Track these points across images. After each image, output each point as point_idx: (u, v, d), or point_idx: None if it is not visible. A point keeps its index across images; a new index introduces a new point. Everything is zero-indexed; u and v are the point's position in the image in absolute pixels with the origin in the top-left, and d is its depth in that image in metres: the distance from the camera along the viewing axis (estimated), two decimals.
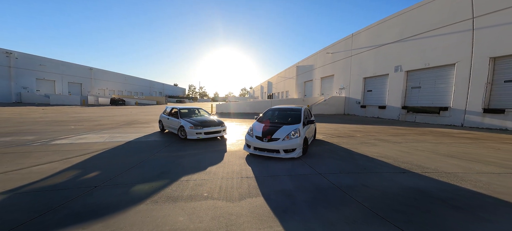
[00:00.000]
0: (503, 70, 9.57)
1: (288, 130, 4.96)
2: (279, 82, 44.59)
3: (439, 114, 12.22)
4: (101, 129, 8.50)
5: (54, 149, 5.35)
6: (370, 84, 18.40)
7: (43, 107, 21.12)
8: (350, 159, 4.95)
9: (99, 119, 11.47)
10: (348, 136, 8.15)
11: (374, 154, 5.42)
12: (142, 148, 5.60)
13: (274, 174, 3.80)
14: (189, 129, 6.21)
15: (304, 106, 6.70)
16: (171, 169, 3.98)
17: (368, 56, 18.08)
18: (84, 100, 31.72)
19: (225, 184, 3.34)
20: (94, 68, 44.94)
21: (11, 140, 6.37)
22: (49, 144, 6.00)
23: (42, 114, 13.98)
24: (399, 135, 8.46)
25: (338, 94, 22.24)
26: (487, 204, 2.73)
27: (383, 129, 10.28)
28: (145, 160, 4.53)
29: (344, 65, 21.18)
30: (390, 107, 15.88)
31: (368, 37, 18.07)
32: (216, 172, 3.87)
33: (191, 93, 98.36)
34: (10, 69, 29.23)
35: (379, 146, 6.43)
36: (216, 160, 4.60)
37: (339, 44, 22.18)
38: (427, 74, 13.20)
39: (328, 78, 24.74)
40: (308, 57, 29.87)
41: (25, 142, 6.13)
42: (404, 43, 14.64)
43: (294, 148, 4.77)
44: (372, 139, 7.57)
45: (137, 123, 10.57)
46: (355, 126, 11.57)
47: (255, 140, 4.88)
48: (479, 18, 10.15)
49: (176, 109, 7.49)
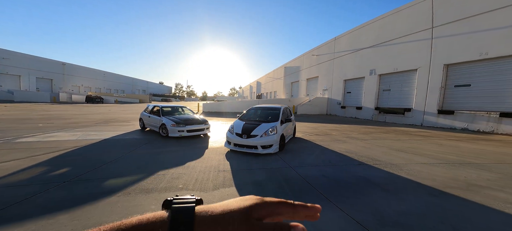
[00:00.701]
0: (454, 76, 11.00)
1: (266, 128, 5.30)
2: (267, 82, 45.20)
3: (404, 115, 13.58)
4: (73, 127, 8.10)
5: (20, 147, 5.06)
6: (350, 86, 19.65)
7: (5, 104, 19.03)
8: (320, 154, 5.44)
9: (72, 117, 10.79)
10: (325, 134, 8.77)
11: (341, 149, 5.99)
12: (119, 145, 5.54)
13: (250, 168, 4.08)
14: (171, 127, 6.25)
15: (284, 106, 7.11)
16: (148, 165, 4.06)
17: (348, 60, 19.27)
18: (54, 97, 29.23)
19: (201, 177, 3.54)
20: (67, 63, 41.45)
21: None
22: (14, 142, 5.64)
23: (4, 111, 12.68)
24: (368, 134, 9.31)
25: (322, 95, 23.34)
26: (409, 187, 3.31)
27: (356, 128, 11.17)
28: (121, 157, 4.52)
29: (328, 67, 22.26)
30: (366, 108, 17.15)
31: (349, 41, 19.26)
32: (194, 166, 4.05)
33: (178, 92, 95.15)
34: None
35: (348, 143, 7.08)
36: (196, 156, 4.77)
37: (323, 46, 23.26)
38: (396, 78, 14.57)
39: (313, 79, 25.79)
40: (295, 59, 30.77)
41: None
42: (378, 49, 15.94)
43: (271, 144, 5.12)
44: (344, 137, 8.26)
45: (115, 121, 10.16)
46: (333, 125, 12.37)
47: (235, 137, 5.13)
48: (437, 28, 11.52)
49: (158, 107, 7.43)
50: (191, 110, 8.26)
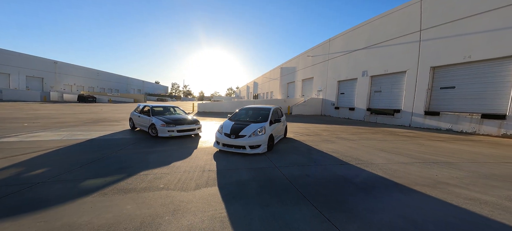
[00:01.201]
0: (440, 78, 11.33)
1: (254, 128, 5.36)
2: (264, 83, 45.30)
3: (394, 116, 13.90)
4: (60, 127, 7.94)
5: None
6: (343, 87, 19.93)
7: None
8: (307, 154, 5.54)
9: (60, 117, 10.56)
10: (315, 135, 8.91)
11: (328, 150, 6.12)
12: (105, 145, 5.50)
13: (236, 167, 4.14)
14: (160, 126, 6.24)
15: (275, 106, 7.19)
16: (132, 165, 4.06)
17: (342, 61, 19.55)
18: (45, 96, 28.54)
19: (185, 177, 3.57)
20: (59, 61, 40.56)
21: None
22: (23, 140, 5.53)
23: None
24: (357, 134, 9.50)
25: (317, 96, 23.58)
26: (384, 186, 3.43)
27: (347, 129, 11.37)
28: (104, 157, 4.50)
29: (322, 68, 22.52)
30: (358, 109, 17.44)
31: (342, 42, 19.55)
32: (179, 166, 4.07)
33: (174, 92, 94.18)
34: None
35: (336, 143, 7.22)
36: (183, 156, 4.79)
37: (318, 48, 23.52)
38: (386, 79, 14.89)
39: (308, 80, 26.04)
40: (291, 59, 30.97)
41: None
42: (370, 50, 16.25)
43: (259, 144, 5.18)
44: (334, 137, 8.41)
45: (105, 121, 10.02)
46: (325, 126, 12.55)
47: (223, 137, 5.18)
48: (425, 31, 11.85)
49: (149, 107, 7.39)
50: (183, 110, 8.24)
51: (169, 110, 7.91)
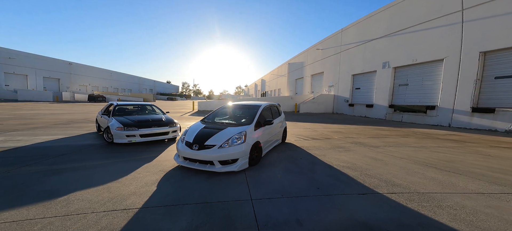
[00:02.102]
0: (494, 66, 8.73)
1: (230, 134, 3.75)
2: (272, 80, 43.59)
3: (426, 113, 11.39)
4: (17, 129, 6.79)
5: None
6: (359, 81, 17.54)
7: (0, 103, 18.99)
8: (308, 171, 3.81)
9: (37, 117, 9.73)
10: (324, 138, 7.07)
11: (341, 163, 4.32)
12: (29, 156, 4.09)
13: (183, 200, 2.54)
14: (116, 130, 4.86)
15: (269, 103, 5.52)
16: (25, 190, 2.62)
17: (356, 52, 17.18)
18: (57, 96, 29.51)
19: (74, 223, 2.06)
20: (74, 62, 42.25)
21: None
22: None
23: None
24: (380, 137, 7.45)
25: (327, 92, 21.34)
26: None
27: (365, 130, 9.29)
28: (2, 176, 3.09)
29: (334, 61, 20.25)
30: (378, 106, 15.03)
31: (357, 32, 17.16)
32: (82, 199, 2.49)
33: (185, 91, 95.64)
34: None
35: (352, 151, 5.35)
36: (116, 175, 3.24)
37: (329, 39, 21.23)
38: (415, 70, 12.35)
39: (318, 75, 23.83)
40: (299, 54, 28.89)
41: None
42: (391, 38, 13.75)
43: (235, 158, 3.57)
44: (348, 142, 6.50)
45: (84, 122, 8.90)
46: (337, 126, 10.54)
47: (184, 147, 3.62)
48: (469, 10, 9.27)
49: (114, 105, 6.09)
50: (161, 110, 6.88)
51: (145, 109, 6.59)
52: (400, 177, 3.55)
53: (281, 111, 6.46)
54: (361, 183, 3.35)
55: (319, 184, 3.24)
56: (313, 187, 3.12)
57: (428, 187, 3.14)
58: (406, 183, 3.32)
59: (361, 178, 3.54)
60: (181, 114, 14.69)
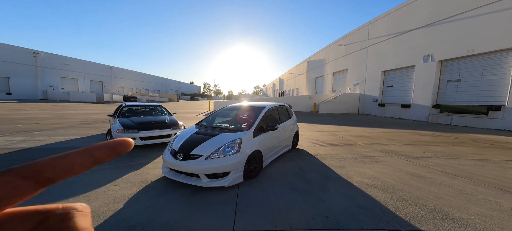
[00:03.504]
0: None
1: (221, 142, 3.19)
2: (290, 79, 42.22)
3: (488, 115, 9.01)
4: (45, 129, 7.19)
5: None
6: (391, 78, 15.27)
7: (52, 103, 22.39)
8: (318, 190, 3.00)
9: (72, 117, 10.73)
10: (345, 145, 5.99)
11: (364, 178, 3.37)
12: (24, 158, 4.06)
13: (135, 230, 2.02)
14: (117, 133, 4.79)
15: (273, 105, 4.81)
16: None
17: (388, 46, 15.00)
18: (99, 97, 33.64)
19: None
20: (114, 66, 47.80)
21: None
22: None
23: (34, 110, 14.24)
24: (421, 144, 5.97)
25: (352, 90, 19.28)
26: None
27: (400, 135, 7.72)
28: None
29: (359, 57, 18.20)
30: (417, 106, 12.74)
31: (388, 23, 14.98)
32: None
33: (206, 91, 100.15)
34: (37, 68, 32.22)
35: (381, 163, 4.26)
36: (92, 186, 2.86)
37: (353, 34, 19.18)
38: (471, 63, 9.92)
39: (340, 73, 21.83)
40: (319, 51, 27.09)
41: None
42: (436, 27, 11.43)
43: (227, 171, 2.99)
44: (376, 151, 5.32)
45: (104, 122, 9.28)
46: (363, 129, 9.10)
47: (169, 156, 3.18)
48: None
49: (126, 106, 6.16)
50: (168, 111, 6.77)
51: (152, 110, 6.53)
52: (456, 206, 2.48)
53: (291, 113, 5.65)
54: (393, 211, 2.43)
55: (329, 211, 2.44)
56: (319, 215, 2.35)
57: (508, 225, 2.04)
58: (467, 216, 2.28)
59: (393, 204, 2.60)
60: (196, 114, 14.88)
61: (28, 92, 31.30)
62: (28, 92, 31.30)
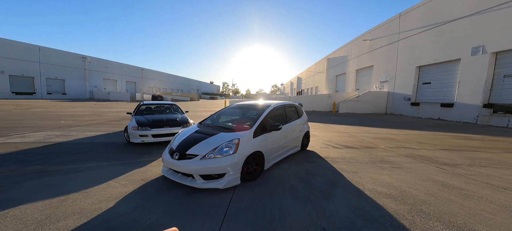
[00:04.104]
0: None
1: (218, 142, 3.11)
2: (308, 77, 40.54)
3: None
4: (80, 125, 8.01)
5: None
6: (428, 74, 13.35)
7: (95, 102, 25.72)
8: (320, 197, 2.71)
9: (106, 114, 12.05)
10: (363, 147, 5.37)
11: (378, 186, 2.98)
12: (47, 155, 4.21)
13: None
14: (131, 130, 5.13)
15: (280, 103, 4.56)
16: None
17: (424, 39, 13.16)
18: (132, 96, 37.48)
19: None
20: (144, 68, 52.71)
21: None
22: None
23: (79, 108, 16.49)
24: (462, 150, 5.00)
25: (378, 88, 17.46)
26: None
27: (436, 138, 6.63)
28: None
29: (387, 53, 16.40)
30: (462, 105, 10.88)
31: (424, 14, 13.18)
32: (28, 216, 2.12)
33: (224, 90, 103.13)
34: (85, 71, 37.49)
35: (404, 169, 3.69)
36: (93, 183, 2.93)
37: (380, 28, 17.35)
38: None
39: (365, 70, 20.02)
40: (341, 48, 25.32)
41: None
42: (488, 14, 9.54)
43: (222, 173, 2.90)
44: (401, 155, 4.63)
45: (127, 120, 9.75)
46: (389, 131, 8.10)
47: (167, 155, 3.20)
48: None
49: (144, 105, 6.58)
50: (181, 109, 7.03)
51: (167, 109, 6.83)
52: (497, 226, 1.95)
53: (301, 112, 5.29)
54: (406, 227, 2.05)
55: (328, 222, 2.16)
56: (316, 227, 2.09)
57: None
58: None
59: (409, 218, 2.19)
60: (212, 113, 15.33)
61: (78, 92, 36.69)
62: (78, 92, 36.69)
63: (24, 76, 29.94)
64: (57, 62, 33.56)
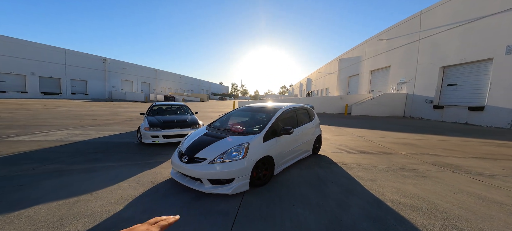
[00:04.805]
0: None
1: (227, 146, 3.01)
2: (318, 79, 39.59)
3: None
4: (98, 124, 8.34)
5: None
6: (454, 75, 12.36)
7: (113, 102, 27.14)
8: (335, 206, 2.51)
9: (122, 114, 12.57)
10: (381, 153, 5.00)
11: (402, 198, 2.69)
12: (70, 150, 4.49)
13: None
14: (144, 130, 5.22)
15: (291, 106, 4.37)
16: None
17: (450, 37, 12.23)
18: (146, 97, 39.08)
19: None
20: (158, 69, 54.79)
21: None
22: (3, 140, 5.28)
23: (99, 108, 17.48)
24: (498, 159, 4.47)
25: (396, 90, 16.47)
26: None
27: (465, 144, 6.01)
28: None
29: (407, 52, 15.47)
30: (494, 109, 9.91)
31: (450, 11, 12.29)
32: (41, 217, 2.14)
33: (233, 91, 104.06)
34: (105, 73, 39.84)
35: (431, 179, 3.35)
36: (105, 183, 2.93)
37: (398, 27, 16.41)
38: None
39: (381, 71, 19.04)
40: (354, 48, 24.41)
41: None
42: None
43: (231, 178, 2.79)
44: (426, 163, 4.23)
45: (141, 120, 10.03)
46: (409, 135, 7.53)
47: (175, 158, 3.13)
48: None
49: (156, 105, 6.72)
50: (190, 111, 7.08)
51: (178, 109, 6.91)
52: None
53: (313, 115, 5.05)
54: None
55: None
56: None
57: None
58: None
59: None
60: (221, 114, 15.41)
61: (99, 92, 39.05)
62: (99, 92, 39.05)
63: (52, 77, 32.47)
64: (80, 64, 35.98)
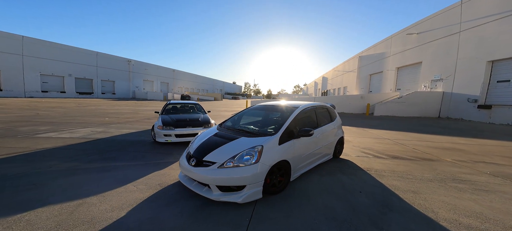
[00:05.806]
0: None
1: (239, 148, 2.69)
2: (335, 77, 37.53)
3: None
4: (120, 122, 8.67)
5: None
6: (505, 70, 10.58)
7: (135, 101, 28.89)
8: (368, 224, 2.04)
9: (141, 112, 13.10)
10: (420, 159, 4.28)
11: (462, 217, 2.11)
12: (89, 148, 4.55)
13: None
14: (157, 129, 5.17)
15: (309, 104, 3.91)
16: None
17: (499, 27, 10.49)
18: (165, 96, 41.04)
19: None
20: (176, 70, 57.28)
21: (27, 130, 6.22)
22: (34, 136, 5.49)
23: (122, 106, 18.58)
24: None
25: (429, 88, 14.67)
26: None
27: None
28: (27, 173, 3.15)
29: (442, 47, 13.75)
30: None
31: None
32: (40, 222, 2.01)
33: (246, 91, 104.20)
34: (129, 73, 42.79)
35: (497, 193, 2.72)
36: (112, 185, 2.81)
37: (432, 19, 14.67)
38: None
39: (409, 67, 17.24)
40: (377, 44, 22.60)
41: (32, 132, 5.87)
42: None
43: (242, 184, 2.47)
44: (484, 173, 3.49)
45: (156, 119, 10.39)
46: (451, 139, 6.47)
47: (183, 160, 2.89)
48: None
49: (170, 104, 6.73)
50: (203, 109, 6.96)
51: (191, 108, 6.82)
52: None
53: (335, 115, 4.50)
54: None
55: None
56: None
57: None
58: None
59: None
60: (233, 113, 15.28)
61: (124, 92, 42.11)
62: (124, 92, 42.11)
63: (86, 78, 35.86)
64: (109, 66, 39.13)
